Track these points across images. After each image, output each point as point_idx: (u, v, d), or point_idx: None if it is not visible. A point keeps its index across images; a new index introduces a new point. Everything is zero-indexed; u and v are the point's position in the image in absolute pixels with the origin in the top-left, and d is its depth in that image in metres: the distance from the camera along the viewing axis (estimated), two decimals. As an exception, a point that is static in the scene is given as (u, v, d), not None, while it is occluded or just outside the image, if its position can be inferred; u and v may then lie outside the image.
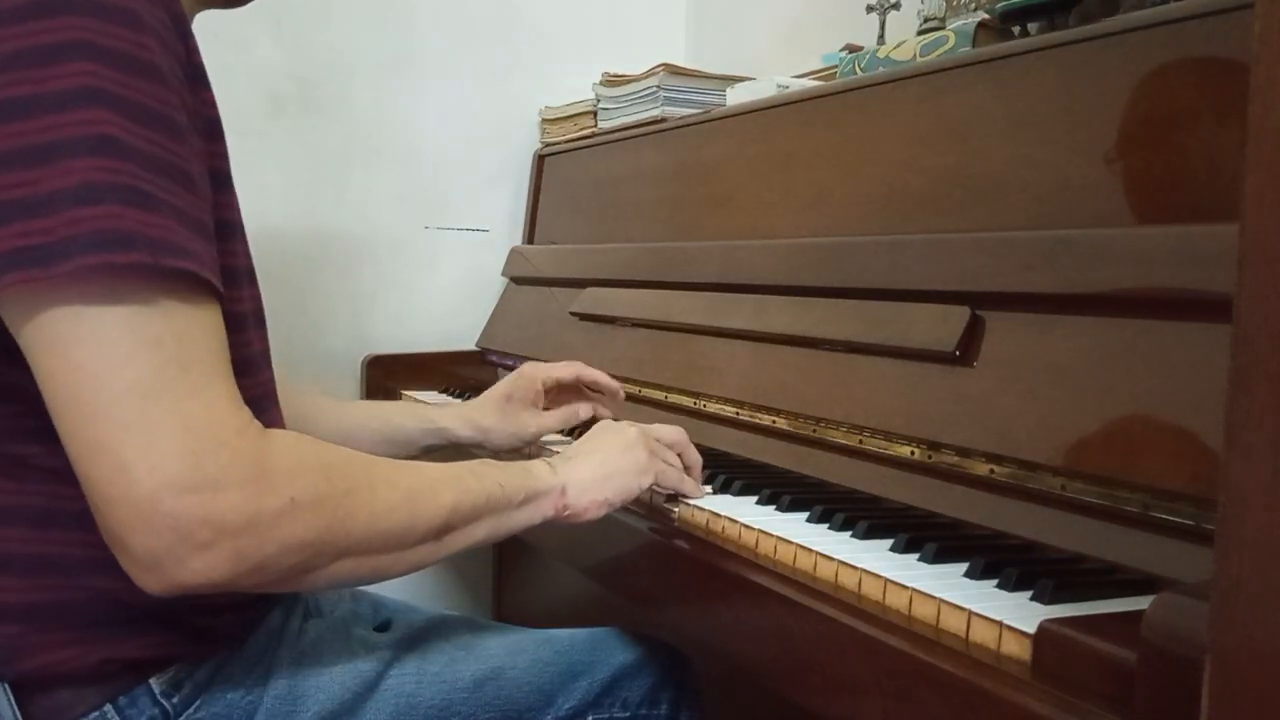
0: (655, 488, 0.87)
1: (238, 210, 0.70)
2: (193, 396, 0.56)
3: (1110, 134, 0.83)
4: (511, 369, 1.62)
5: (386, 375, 1.73)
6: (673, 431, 0.90)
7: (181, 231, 0.57)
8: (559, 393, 1.11)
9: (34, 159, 0.54)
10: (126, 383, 0.55)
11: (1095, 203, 0.83)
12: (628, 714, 0.91)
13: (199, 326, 0.58)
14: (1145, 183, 0.80)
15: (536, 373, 1.09)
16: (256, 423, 0.60)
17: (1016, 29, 1.07)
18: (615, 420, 0.92)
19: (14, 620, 0.65)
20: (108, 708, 0.68)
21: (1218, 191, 0.74)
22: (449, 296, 1.90)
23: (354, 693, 0.79)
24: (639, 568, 0.88)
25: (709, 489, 0.91)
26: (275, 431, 0.61)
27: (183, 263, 0.56)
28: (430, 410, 1.10)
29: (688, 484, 0.89)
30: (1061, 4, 1.01)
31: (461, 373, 1.77)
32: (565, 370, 1.10)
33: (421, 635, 0.88)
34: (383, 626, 0.91)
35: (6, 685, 0.66)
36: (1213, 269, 0.68)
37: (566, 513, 0.79)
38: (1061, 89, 0.88)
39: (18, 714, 0.66)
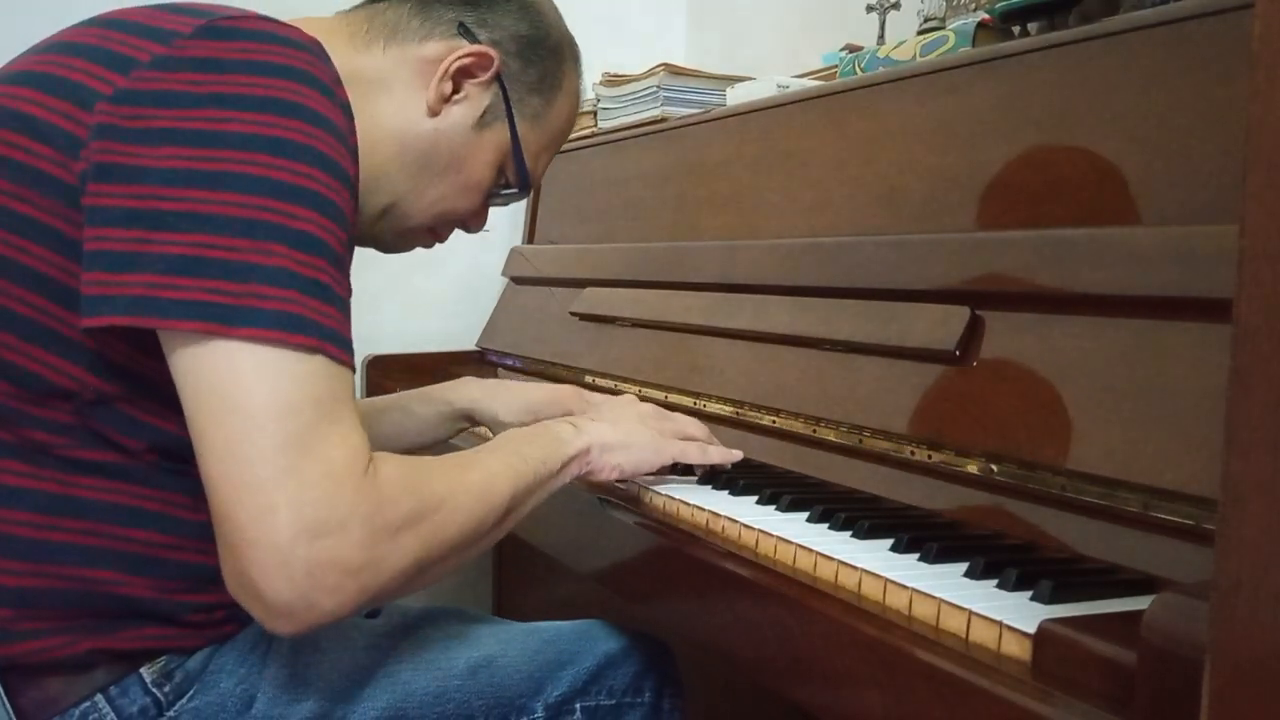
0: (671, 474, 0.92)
1: None
2: (338, 446, 0.61)
3: (1110, 134, 0.83)
4: (511, 369, 1.61)
5: (386, 375, 1.73)
6: (694, 423, 0.95)
7: (344, 321, 0.65)
8: None
9: (242, 231, 0.61)
10: (288, 433, 0.60)
11: (1095, 203, 0.83)
12: (613, 701, 0.93)
13: (346, 388, 0.64)
14: (1145, 183, 0.80)
15: (573, 403, 1.06)
16: (371, 456, 0.64)
17: (1016, 29, 1.07)
18: (633, 396, 0.98)
19: (8, 604, 0.66)
20: (98, 698, 0.69)
21: (1218, 191, 0.74)
22: (449, 296, 1.90)
23: (353, 680, 0.81)
24: (639, 567, 0.88)
25: (739, 453, 0.95)
26: (379, 458, 0.65)
27: (340, 351, 0.64)
28: (448, 393, 1.11)
29: (715, 453, 0.92)
30: (1061, 4, 1.01)
31: (461, 373, 1.77)
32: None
33: (414, 624, 0.90)
34: (372, 614, 0.93)
35: None
36: (1213, 269, 0.68)
37: (588, 469, 0.84)
38: (1061, 89, 0.88)
39: (7, 706, 0.67)
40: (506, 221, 1.96)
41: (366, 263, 1.87)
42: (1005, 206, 0.91)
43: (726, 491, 0.90)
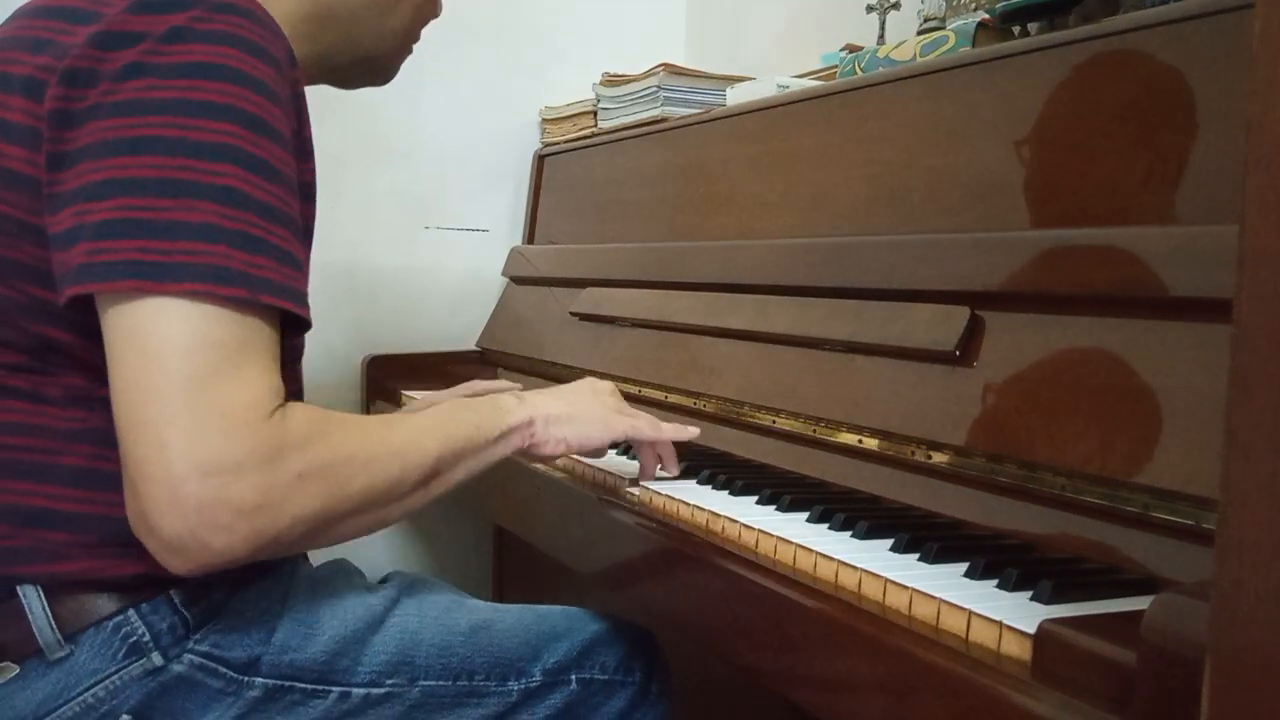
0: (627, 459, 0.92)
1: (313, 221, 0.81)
2: (239, 388, 0.63)
3: (1111, 134, 0.83)
4: (511, 369, 1.62)
5: (386, 375, 1.73)
6: (645, 417, 0.93)
7: (281, 270, 0.67)
8: None
9: (167, 191, 0.64)
10: (185, 373, 0.62)
11: (1096, 203, 0.83)
12: (605, 677, 0.95)
13: (261, 336, 0.66)
14: (1145, 183, 0.80)
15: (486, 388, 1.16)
16: (282, 404, 0.66)
17: (1016, 29, 1.07)
18: (593, 378, 0.97)
19: (62, 528, 0.71)
20: (131, 613, 0.73)
21: (1218, 191, 0.74)
22: (449, 296, 1.90)
23: (365, 623, 0.84)
24: (639, 567, 0.88)
25: (695, 429, 0.94)
26: (292, 408, 0.66)
27: (274, 299, 0.66)
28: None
29: (669, 429, 0.92)
30: (1061, 4, 1.01)
31: (461, 373, 1.77)
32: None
33: (418, 588, 0.93)
34: (384, 580, 0.96)
35: (39, 587, 0.71)
36: (1213, 269, 0.68)
37: (533, 442, 0.84)
38: (1061, 89, 0.88)
39: (49, 613, 0.71)
40: (506, 221, 1.96)
41: (366, 263, 1.88)
42: (1005, 206, 0.91)
43: (726, 491, 0.90)
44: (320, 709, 0.80)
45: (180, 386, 0.61)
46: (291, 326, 0.71)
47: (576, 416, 0.86)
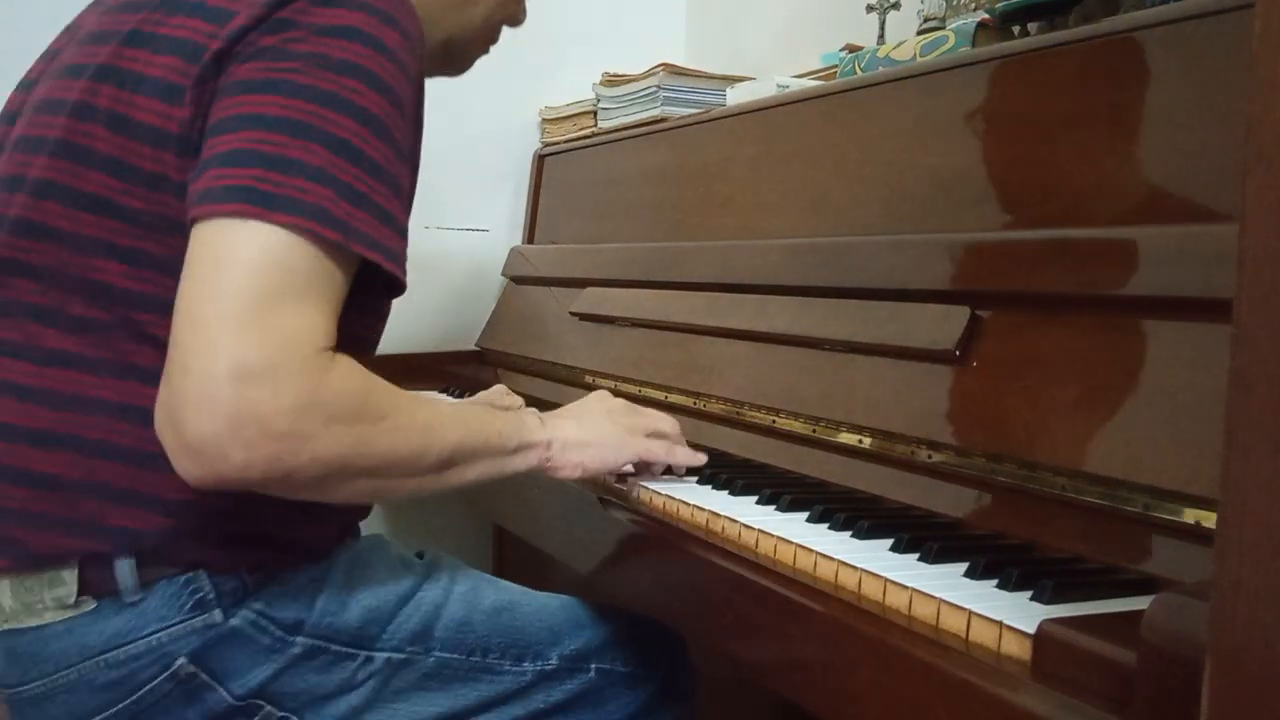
0: (645, 469, 0.93)
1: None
2: (296, 315, 0.65)
3: (1110, 134, 0.83)
4: (511, 369, 1.62)
5: (386, 375, 1.72)
6: (666, 420, 0.95)
7: (381, 229, 0.70)
8: None
9: (290, 130, 0.67)
10: (249, 285, 0.64)
11: (1095, 203, 0.83)
12: (626, 670, 0.96)
13: (330, 280, 0.68)
14: (1145, 183, 0.80)
15: (497, 400, 1.18)
16: (333, 351, 0.67)
17: (1016, 29, 1.07)
18: (606, 392, 0.99)
19: (167, 514, 0.75)
20: (202, 571, 0.77)
21: (1218, 191, 0.74)
22: (449, 296, 1.90)
23: (395, 596, 0.88)
24: (639, 567, 0.89)
25: (704, 456, 0.95)
26: (341, 358, 0.68)
27: (368, 252, 0.69)
28: None
29: (682, 454, 0.93)
30: (1061, 4, 1.01)
31: (461, 373, 1.77)
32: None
33: (452, 566, 0.96)
34: (419, 554, 0.99)
35: (132, 560, 0.75)
36: (1213, 269, 0.68)
37: (549, 464, 0.85)
38: (1061, 89, 0.88)
39: (136, 575, 0.75)
40: (506, 221, 1.96)
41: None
42: (1005, 206, 0.91)
43: (726, 491, 0.90)
44: (350, 669, 0.84)
45: (244, 295, 0.63)
46: (385, 288, 0.75)
47: (593, 442, 0.87)
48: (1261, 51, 0.36)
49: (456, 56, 1.00)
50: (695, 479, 0.95)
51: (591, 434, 0.88)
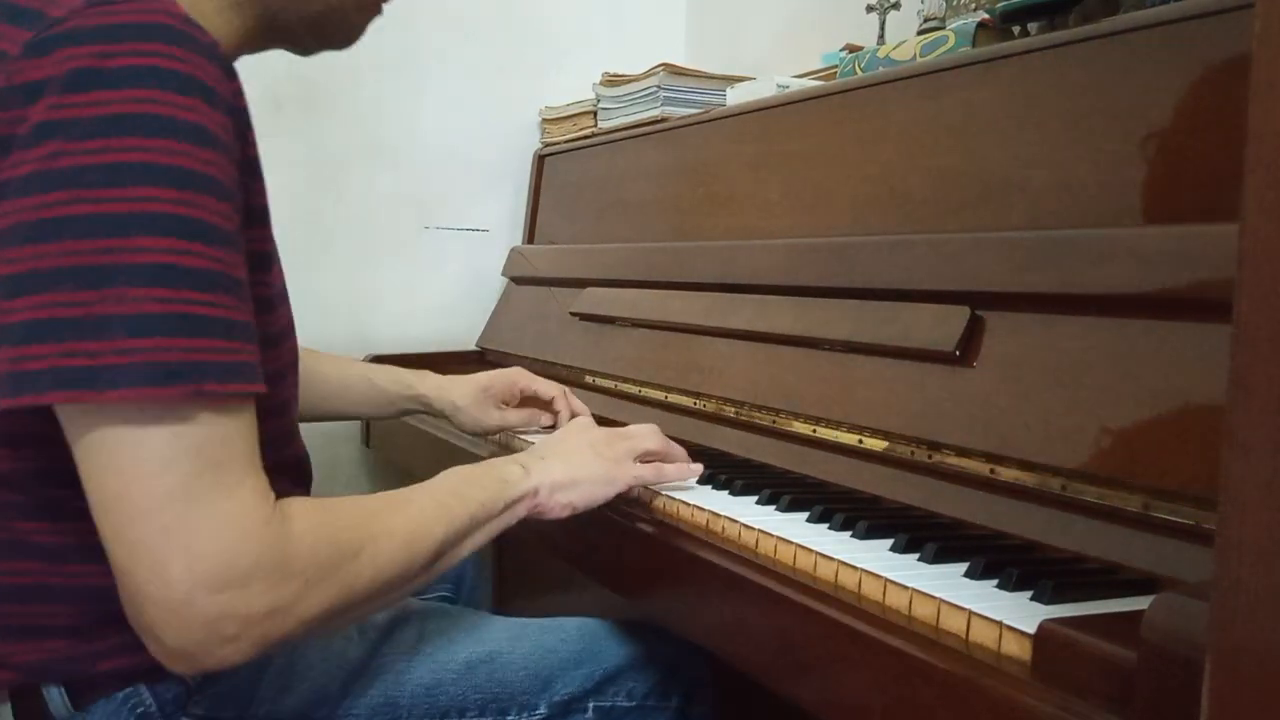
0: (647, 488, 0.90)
1: (272, 243, 0.72)
2: (229, 496, 0.60)
3: (1110, 134, 0.83)
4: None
5: (387, 375, 1.72)
6: (650, 436, 0.92)
7: (230, 347, 0.60)
8: (529, 398, 1.21)
9: (89, 281, 0.56)
10: (167, 488, 0.58)
11: (1095, 203, 0.83)
12: (633, 704, 0.92)
13: (235, 430, 0.61)
14: (1145, 183, 0.80)
15: (519, 378, 1.19)
16: (278, 507, 0.63)
17: (1016, 29, 1.07)
18: (587, 420, 0.96)
19: (68, 637, 0.69)
20: (141, 685, 0.73)
21: (1218, 191, 0.74)
22: (449, 296, 1.91)
23: (345, 671, 0.83)
24: (639, 567, 0.88)
25: (699, 467, 0.93)
26: (291, 507, 0.64)
27: (224, 385, 0.59)
28: (411, 377, 1.19)
29: (671, 471, 0.91)
30: (1061, 4, 1.01)
31: (461, 373, 1.77)
32: (547, 388, 1.19)
33: (419, 617, 0.91)
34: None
35: (60, 687, 0.70)
36: (1213, 269, 0.68)
37: (538, 510, 0.83)
38: (1061, 89, 0.88)
39: (65, 697, 0.71)
40: (506, 221, 1.96)
41: (366, 263, 1.88)
42: (1005, 206, 0.91)
43: (726, 491, 0.90)
44: None
45: (167, 503, 0.57)
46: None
47: (580, 480, 0.84)
48: (1261, 51, 0.36)
49: (335, 29, 0.83)
50: (695, 478, 0.95)
51: (579, 471, 0.85)
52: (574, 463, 0.85)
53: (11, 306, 0.57)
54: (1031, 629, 0.55)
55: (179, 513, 0.58)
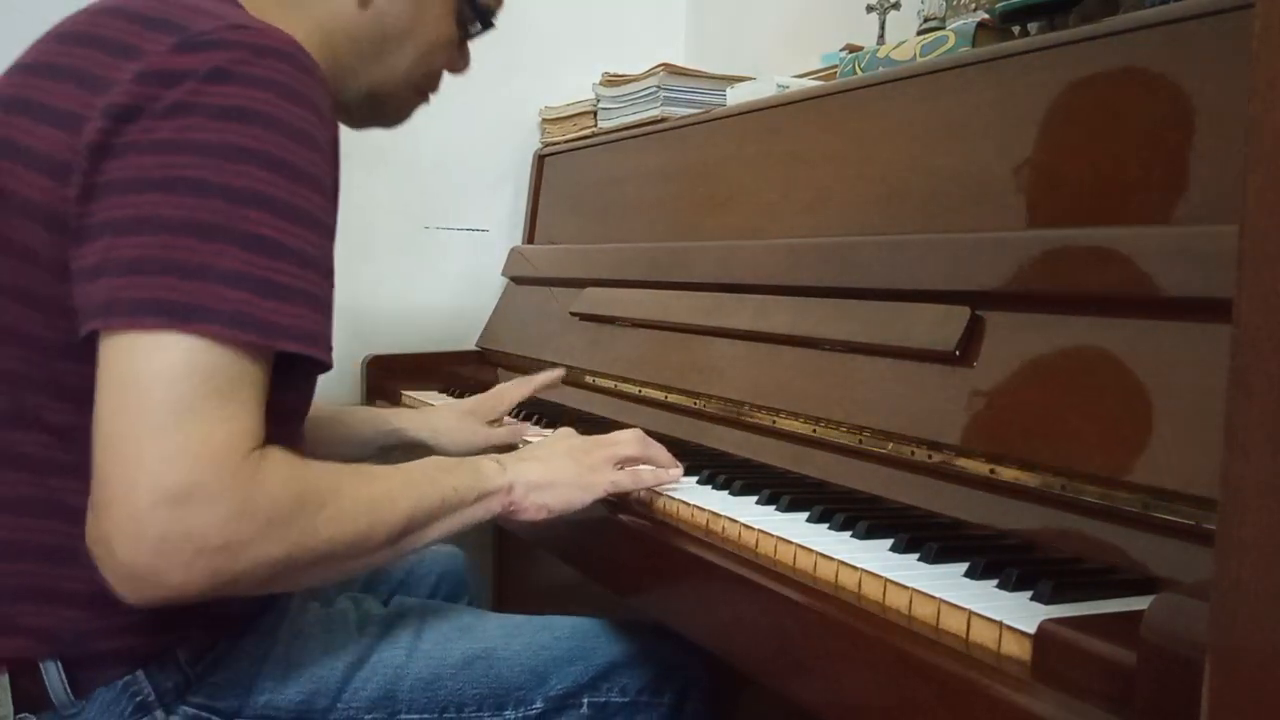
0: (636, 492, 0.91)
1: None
2: (220, 422, 0.62)
3: (1110, 134, 0.83)
4: (511, 369, 1.62)
5: (386, 375, 1.73)
6: (630, 443, 0.91)
7: (310, 315, 0.68)
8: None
9: (199, 233, 0.63)
10: (166, 400, 0.61)
11: (1095, 203, 0.83)
12: (626, 699, 0.93)
13: (255, 379, 0.65)
14: (1145, 183, 0.80)
15: (504, 398, 1.21)
16: (260, 451, 0.65)
17: (1016, 29, 1.07)
18: (570, 429, 0.96)
19: (79, 606, 0.71)
20: (140, 673, 0.74)
21: (1217, 191, 0.74)
22: (449, 296, 1.90)
23: (346, 662, 0.84)
24: (639, 567, 0.88)
25: (678, 470, 0.93)
26: (270, 453, 0.66)
27: (292, 345, 0.66)
28: (389, 415, 1.20)
29: (648, 477, 0.90)
30: (1061, 4, 1.01)
31: (461, 373, 1.77)
32: (520, 389, 1.22)
33: (417, 614, 0.92)
34: (387, 603, 0.96)
35: (58, 662, 0.72)
36: (1213, 269, 0.68)
37: (511, 509, 0.83)
38: (1061, 89, 0.88)
39: (64, 678, 0.72)
40: (506, 221, 1.96)
41: (366, 263, 1.88)
42: (1005, 206, 0.91)
43: (726, 491, 0.90)
44: None
45: (160, 411, 0.60)
46: (316, 364, 0.72)
47: (557, 482, 0.85)
48: (1261, 51, 0.36)
49: (383, 109, 0.94)
50: (695, 479, 0.95)
51: (556, 474, 0.85)
52: (552, 466, 0.86)
53: (123, 243, 0.63)
54: (1031, 629, 0.55)
55: (167, 425, 0.60)
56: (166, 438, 0.60)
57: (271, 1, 0.80)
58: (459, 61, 0.98)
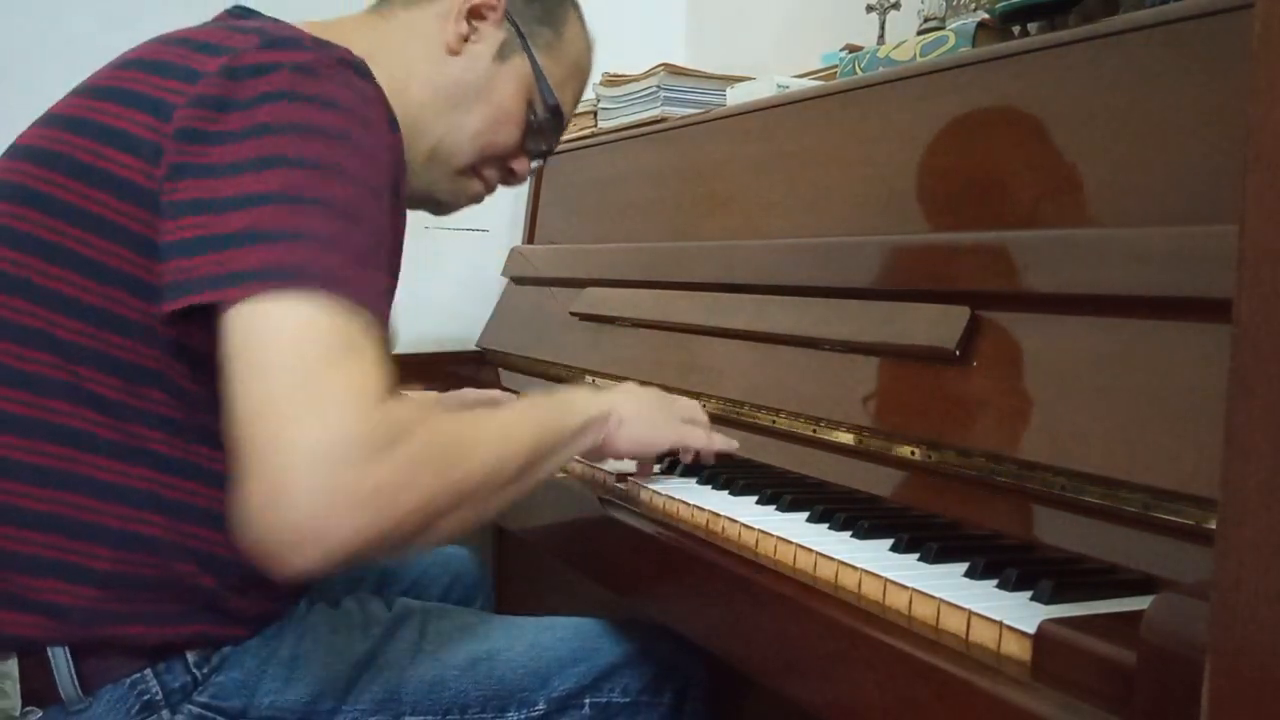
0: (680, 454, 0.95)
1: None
2: (352, 373, 0.62)
3: (1110, 134, 0.83)
4: (512, 369, 1.61)
5: (386, 375, 1.72)
6: (700, 409, 0.97)
7: (382, 290, 0.69)
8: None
9: (290, 202, 0.65)
10: (302, 358, 0.61)
11: (1095, 203, 0.83)
12: (628, 700, 0.93)
13: (374, 329, 0.66)
14: (1145, 183, 0.80)
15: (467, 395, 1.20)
16: (394, 394, 0.65)
17: (1016, 29, 1.07)
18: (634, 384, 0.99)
19: (98, 585, 0.71)
20: (147, 671, 0.75)
21: (1218, 191, 0.74)
22: (449, 296, 1.90)
23: (349, 664, 0.84)
24: (639, 567, 0.88)
25: (736, 443, 0.96)
26: (402, 397, 0.66)
27: (377, 315, 0.67)
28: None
29: (724, 441, 0.95)
30: (1061, 4, 1.01)
31: (461, 373, 1.77)
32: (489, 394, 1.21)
33: (424, 616, 0.92)
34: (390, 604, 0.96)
35: (67, 649, 0.72)
36: (1213, 269, 0.68)
37: (605, 439, 0.85)
38: (1061, 89, 0.88)
39: (73, 671, 0.73)
40: (506, 221, 1.96)
41: (366, 263, 1.86)
42: (1005, 206, 0.91)
43: (726, 491, 0.90)
44: None
45: (295, 370, 0.61)
46: None
47: (645, 417, 0.88)
48: (1261, 51, 0.37)
49: (440, 173, 0.95)
50: (695, 479, 0.95)
51: (644, 411, 0.88)
52: (641, 404, 0.89)
53: (217, 220, 0.65)
54: (1031, 629, 0.55)
55: (303, 383, 0.60)
56: (304, 395, 0.60)
57: (361, 39, 0.83)
58: (519, 160, 0.99)
